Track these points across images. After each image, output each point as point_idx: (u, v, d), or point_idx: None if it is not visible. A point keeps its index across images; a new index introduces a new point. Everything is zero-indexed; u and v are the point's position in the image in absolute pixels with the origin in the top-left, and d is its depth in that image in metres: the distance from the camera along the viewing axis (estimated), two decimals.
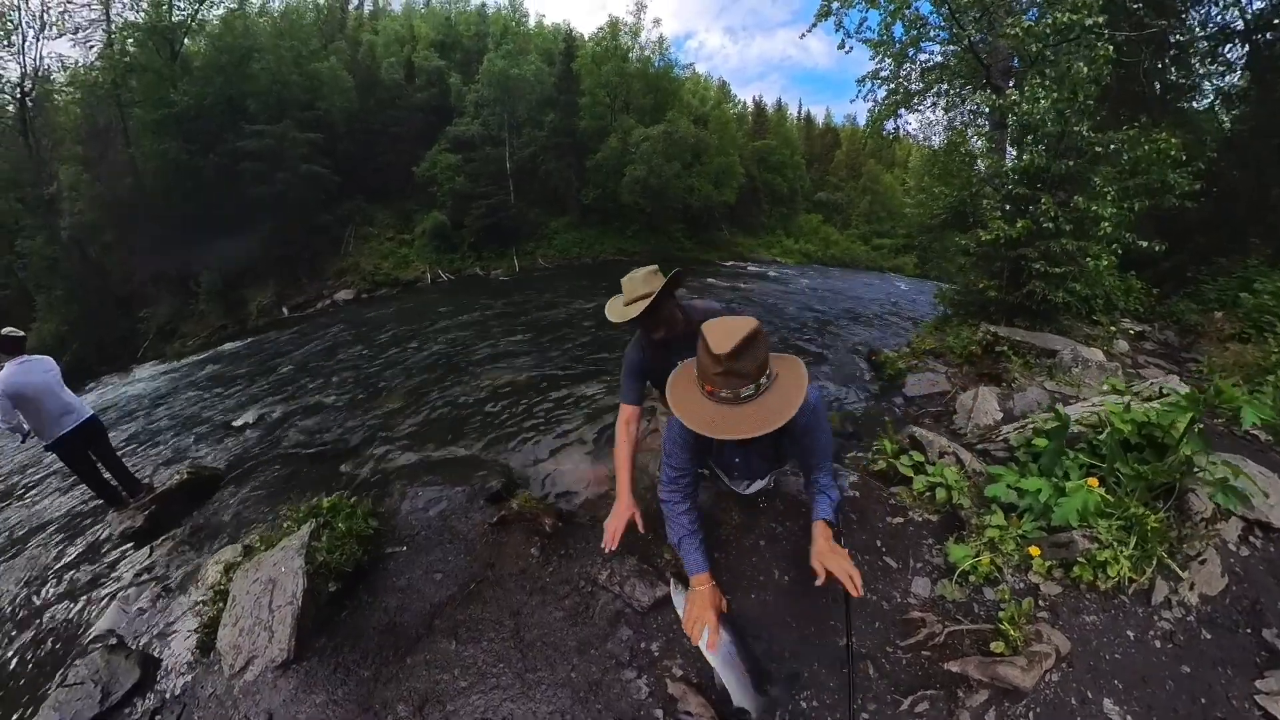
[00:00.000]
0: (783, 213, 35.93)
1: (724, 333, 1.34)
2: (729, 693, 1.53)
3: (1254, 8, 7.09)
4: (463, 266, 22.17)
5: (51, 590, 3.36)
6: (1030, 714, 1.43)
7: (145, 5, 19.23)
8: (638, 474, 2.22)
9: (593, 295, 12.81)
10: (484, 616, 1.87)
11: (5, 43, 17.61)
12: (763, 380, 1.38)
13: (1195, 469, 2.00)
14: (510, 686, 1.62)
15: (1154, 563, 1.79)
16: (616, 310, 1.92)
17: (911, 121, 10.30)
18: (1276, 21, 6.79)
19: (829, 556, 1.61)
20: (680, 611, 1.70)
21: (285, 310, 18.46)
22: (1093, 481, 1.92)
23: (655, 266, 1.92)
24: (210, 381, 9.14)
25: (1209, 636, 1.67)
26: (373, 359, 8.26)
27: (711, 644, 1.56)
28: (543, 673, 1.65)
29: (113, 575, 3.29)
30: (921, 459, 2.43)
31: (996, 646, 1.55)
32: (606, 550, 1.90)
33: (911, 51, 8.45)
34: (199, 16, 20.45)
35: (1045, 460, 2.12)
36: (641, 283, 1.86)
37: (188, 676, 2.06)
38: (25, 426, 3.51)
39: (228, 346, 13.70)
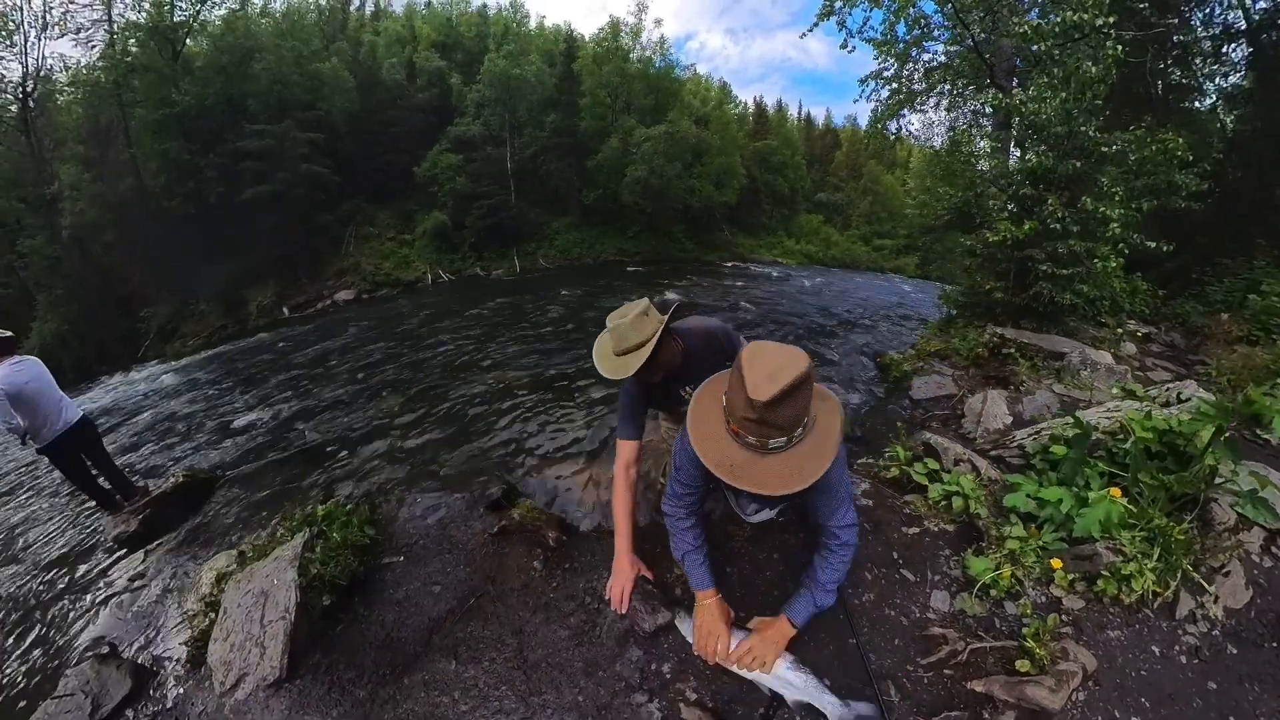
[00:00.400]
0: (783, 213, 35.97)
1: (766, 374, 1.10)
2: (815, 706, 1.45)
3: (1258, 7, 7.06)
4: (463, 267, 22.16)
5: (44, 596, 3.30)
6: None
7: (147, 5, 19.22)
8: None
9: (594, 296, 12.74)
10: (485, 634, 1.80)
11: (7, 43, 17.67)
12: (797, 432, 1.17)
13: (1219, 479, 1.94)
14: (514, 711, 1.55)
15: (1178, 575, 1.73)
16: (608, 363, 1.66)
17: (914, 121, 10.24)
18: None
19: (755, 641, 1.52)
20: (688, 636, 1.64)
21: (285, 310, 18.45)
22: (1115, 491, 1.86)
23: (646, 305, 1.66)
24: (209, 382, 9.09)
25: (1235, 651, 1.62)
26: (372, 360, 8.20)
27: (714, 657, 1.51)
28: (548, 695, 1.58)
29: (106, 581, 3.23)
30: (936, 466, 2.36)
31: (1022, 665, 1.49)
32: (618, 614, 1.78)
33: (914, 51, 8.42)
34: (200, 17, 20.45)
35: (1066, 469, 2.06)
36: (631, 328, 1.60)
37: (179, 691, 2.00)
38: (23, 427, 3.45)
39: (228, 347, 13.67)
